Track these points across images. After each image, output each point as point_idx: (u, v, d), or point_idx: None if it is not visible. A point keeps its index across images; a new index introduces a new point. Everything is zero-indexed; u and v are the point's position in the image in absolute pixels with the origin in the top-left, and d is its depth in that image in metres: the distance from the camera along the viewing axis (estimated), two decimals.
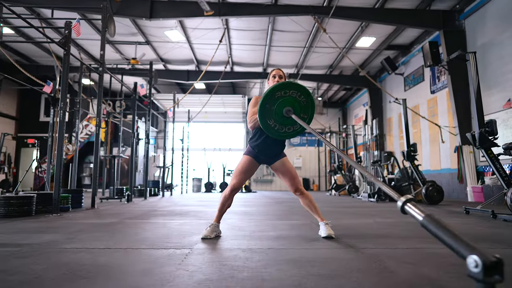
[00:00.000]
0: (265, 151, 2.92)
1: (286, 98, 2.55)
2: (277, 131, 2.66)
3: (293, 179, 2.96)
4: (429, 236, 2.90)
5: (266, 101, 2.54)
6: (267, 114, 2.57)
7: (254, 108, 2.89)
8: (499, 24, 8.30)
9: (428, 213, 1.18)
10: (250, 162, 2.93)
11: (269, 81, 3.05)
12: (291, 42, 12.01)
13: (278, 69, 3.04)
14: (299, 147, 20.47)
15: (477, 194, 8.46)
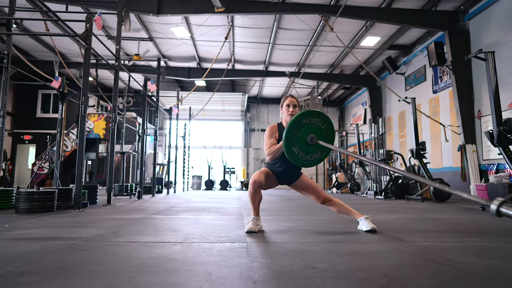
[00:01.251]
0: (283, 176, 2.96)
1: (310, 125, 2.60)
2: (300, 158, 2.69)
3: (317, 192, 3.00)
4: (464, 230, 2.97)
5: (292, 128, 2.56)
6: (292, 140, 2.59)
7: (271, 139, 2.90)
8: (504, 25, 8.46)
9: None
10: (268, 175, 2.93)
11: (283, 109, 2.99)
12: (295, 40, 12.04)
13: (291, 97, 2.99)
14: None
15: (480, 192, 8.60)
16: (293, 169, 2.95)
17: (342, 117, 20.55)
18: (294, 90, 17.04)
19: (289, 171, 2.94)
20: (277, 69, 14.98)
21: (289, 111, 2.92)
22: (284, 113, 2.97)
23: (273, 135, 2.93)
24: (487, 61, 5.09)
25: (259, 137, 20.31)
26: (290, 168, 2.91)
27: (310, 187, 3.02)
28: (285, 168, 2.92)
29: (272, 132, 2.93)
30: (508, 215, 1.27)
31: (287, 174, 2.96)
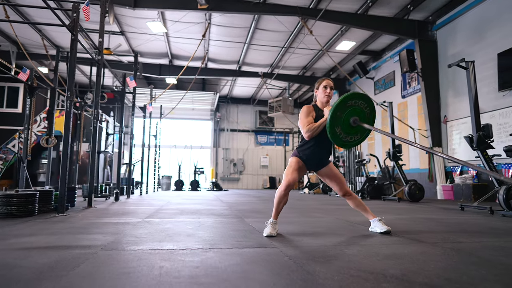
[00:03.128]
0: (312, 159, 2.95)
1: (355, 108, 2.65)
2: (341, 139, 2.73)
3: (341, 183, 3.03)
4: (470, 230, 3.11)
5: (338, 109, 2.60)
6: (336, 121, 2.63)
7: (308, 117, 2.88)
8: (468, 38, 9.05)
9: None
10: (300, 163, 2.95)
11: (318, 91, 3.00)
12: (271, 41, 12.08)
13: (328, 80, 3.01)
14: (266, 146, 20.65)
15: (446, 192, 9.17)
16: (324, 153, 2.97)
17: None
18: (266, 91, 17.11)
19: (320, 155, 2.95)
20: (251, 69, 14.94)
21: (326, 92, 2.94)
22: (321, 94, 2.97)
23: (310, 114, 2.91)
24: (467, 70, 5.40)
25: (228, 137, 20.15)
26: (322, 150, 2.94)
27: (337, 176, 3.03)
28: (317, 151, 2.92)
29: (309, 111, 2.92)
30: None
31: (317, 157, 2.95)
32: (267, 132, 20.70)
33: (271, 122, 20.40)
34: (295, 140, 20.62)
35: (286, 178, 2.92)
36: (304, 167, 2.98)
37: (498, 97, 7.97)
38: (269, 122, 20.41)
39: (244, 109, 20.36)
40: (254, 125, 20.53)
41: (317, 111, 2.96)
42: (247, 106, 20.34)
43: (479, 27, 8.67)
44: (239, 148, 20.26)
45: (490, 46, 8.26)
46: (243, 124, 20.31)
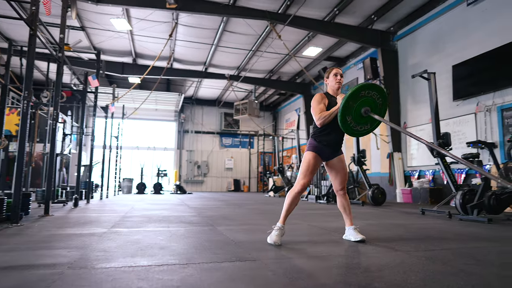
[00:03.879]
0: (332, 144, 2.97)
1: (367, 98, 2.69)
2: (351, 128, 2.77)
3: (344, 178, 3.05)
4: (436, 236, 3.23)
5: (350, 98, 2.63)
6: (348, 110, 2.66)
7: (321, 105, 2.93)
8: (426, 50, 9.57)
9: None
10: (316, 159, 2.96)
11: (329, 79, 3.08)
12: (239, 44, 12.03)
13: (337, 68, 3.10)
14: (231, 148, 20.54)
15: (405, 195, 9.61)
16: (340, 139, 3.00)
17: (275, 121, 21.14)
18: (232, 93, 17.02)
19: (336, 140, 2.98)
20: (217, 71, 14.80)
21: (337, 79, 3.02)
22: (332, 81, 3.05)
23: (322, 101, 2.96)
24: (429, 80, 5.68)
25: (192, 139, 19.81)
26: (338, 136, 2.96)
27: (343, 170, 3.05)
28: (333, 136, 2.95)
29: (321, 98, 2.97)
30: None
31: (334, 142, 2.97)
32: (232, 135, 20.61)
33: (237, 124, 20.34)
34: (260, 143, 20.70)
35: (302, 179, 2.91)
36: (319, 161, 2.99)
37: (452, 106, 8.47)
38: (234, 125, 20.33)
39: (209, 110, 20.13)
40: (219, 127, 20.36)
41: (329, 97, 3.02)
42: (213, 108, 20.13)
43: (436, 40, 9.19)
44: (204, 150, 19.99)
45: (446, 58, 8.77)
46: (208, 126, 20.07)
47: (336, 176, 3.05)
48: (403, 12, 9.79)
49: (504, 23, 7.38)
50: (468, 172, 7.91)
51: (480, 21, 7.93)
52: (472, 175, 7.77)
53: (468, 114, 8.10)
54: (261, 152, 20.58)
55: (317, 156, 2.95)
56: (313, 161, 2.93)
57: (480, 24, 7.93)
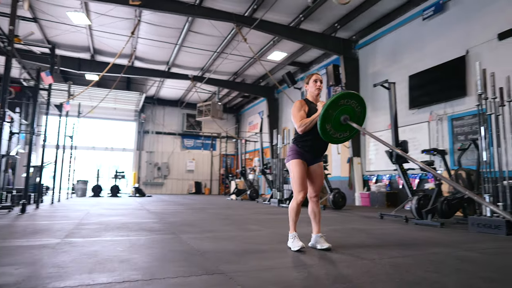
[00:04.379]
0: (314, 150, 3.02)
1: (347, 106, 2.75)
2: (330, 135, 2.83)
3: (320, 184, 3.11)
4: (396, 243, 3.34)
5: (330, 107, 2.68)
6: (327, 118, 2.71)
7: (301, 112, 2.98)
8: (385, 59, 10.01)
9: None
10: (304, 165, 3.00)
11: (309, 85, 3.14)
12: (204, 45, 11.86)
13: (317, 74, 3.17)
14: (193, 150, 20.20)
15: (364, 199, 9.96)
16: (321, 146, 3.05)
17: (239, 124, 21.10)
18: (195, 94, 16.75)
19: (318, 147, 3.03)
20: (181, 71, 14.50)
21: (317, 86, 3.10)
22: (312, 88, 3.12)
23: (302, 108, 3.02)
24: (390, 90, 5.91)
25: (153, 140, 19.23)
26: (320, 143, 2.99)
27: (320, 176, 3.10)
28: (315, 143, 2.99)
29: (301, 106, 3.02)
30: None
31: (315, 149, 3.03)
32: (194, 136, 20.28)
33: (199, 126, 20.04)
34: (223, 145, 20.56)
35: (300, 191, 2.94)
36: (306, 166, 3.02)
37: (408, 114, 8.91)
38: (196, 126, 20.02)
39: (171, 111, 19.67)
40: (181, 128, 19.95)
41: (309, 104, 3.08)
42: (175, 108, 19.69)
43: (395, 51, 9.64)
44: (164, 152, 19.48)
45: (403, 68, 9.22)
46: (169, 126, 19.59)
47: (313, 182, 3.08)
48: (364, 22, 10.17)
49: (454, 39, 7.88)
50: (422, 177, 8.35)
51: (434, 35, 8.42)
52: (425, 180, 8.22)
53: (422, 122, 8.56)
54: (223, 155, 20.44)
55: (303, 162, 3.00)
56: (303, 169, 2.99)
57: (434, 39, 8.42)
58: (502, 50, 6.89)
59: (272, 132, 15.33)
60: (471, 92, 7.44)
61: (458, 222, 5.18)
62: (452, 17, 8.03)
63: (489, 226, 4.10)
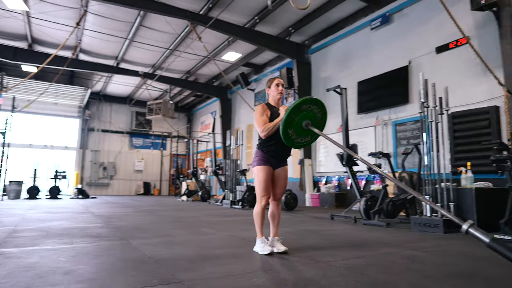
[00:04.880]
0: (278, 154, 3.04)
1: (308, 112, 2.79)
2: (293, 140, 2.85)
3: (284, 188, 3.13)
4: (349, 244, 3.46)
5: (292, 112, 2.70)
6: (290, 123, 2.73)
7: (263, 116, 2.99)
8: (336, 65, 10.41)
9: (494, 236, 1.55)
10: (270, 170, 3.00)
11: (271, 89, 3.15)
12: (156, 41, 11.45)
13: (279, 78, 3.19)
14: (142, 150, 19.44)
15: (314, 200, 10.26)
16: (286, 150, 3.07)
17: (191, 124, 20.70)
18: (146, 92, 16.13)
19: (282, 151, 3.05)
20: (130, 67, 13.87)
21: (279, 90, 3.12)
22: (274, 92, 3.12)
23: (265, 113, 3.03)
24: (342, 95, 6.14)
25: (98, 138, 18.18)
26: (284, 147, 3.00)
27: (285, 180, 3.12)
28: (279, 147, 2.99)
29: (263, 110, 3.03)
30: (474, 235, 1.57)
31: (280, 154, 3.04)
32: (143, 135, 19.52)
33: (149, 124, 19.34)
34: (173, 145, 20.04)
35: (262, 195, 2.96)
36: (272, 171, 3.02)
37: (357, 119, 9.34)
38: (146, 125, 19.29)
39: (119, 108, 18.76)
40: (129, 127, 19.10)
41: (271, 108, 3.09)
42: (123, 105, 18.80)
43: (345, 57, 10.05)
44: (111, 151, 18.51)
45: (352, 74, 9.65)
46: (116, 124, 18.66)
47: (276, 186, 3.09)
48: (317, 28, 10.48)
49: (398, 49, 8.42)
50: (368, 179, 8.80)
51: (381, 45, 8.92)
52: (371, 182, 8.66)
53: (369, 126, 9.03)
54: (174, 154, 19.93)
55: (269, 167, 3.00)
56: (268, 175, 2.99)
57: (381, 48, 8.92)
58: (440, 63, 7.48)
59: (225, 133, 15.24)
60: (413, 99, 7.98)
61: (401, 222, 5.52)
62: (397, 29, 8.56)
63: (429, 225, 4.42)
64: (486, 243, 1.55)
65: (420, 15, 8.02)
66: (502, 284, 2.11)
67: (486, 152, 6.25)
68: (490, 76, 6.44)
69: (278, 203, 3.14)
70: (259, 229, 3.03)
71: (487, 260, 2.77)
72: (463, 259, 2.81)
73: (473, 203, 4.43)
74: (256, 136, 3.32)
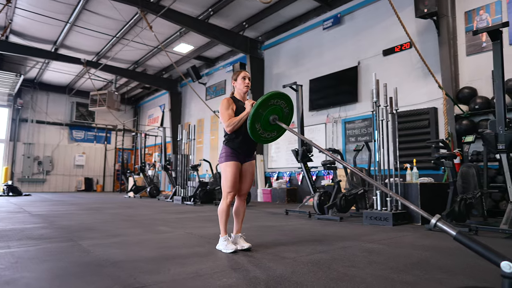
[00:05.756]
0: (245, 149, 2.99)
1: (276, 106, 2.77)
2: (259, 135, 2.82)
3: (250, 183, 3.09)
4: (308, 238, 3.52)
5: (260, 107, 2.67)
6: (257, 118, 2.70)
7: (229, 110, 2.90)
8: (287, 62, 10.57)
9: (459, 229, 1.64)
10: (238, 167, 2.94)
11: (237, 82, 3.07)
12: (102, 27, 10.72)
13: (245, 71, 3.12)
14: (84, 143, 18.20)
15: (266, 195, 10.37)
16: (252, 144, 3.04)
17: (138, 117, 19.80)
18: (89, 81, 15.06)
19: (249, 146, 3.00)
20: (71, 54, 12.84)
21: (245, 83, 3.05)
22: (240, 85, 3.05)
23: (230, 107, 2.95)
24: (297, 92, 6.23)
25: (33, 130, 16.65)
26: (250, 141, 2.96)
27: (252, 175, 3.09)
28: (246, 142, 2.95)
29: (229, 104, 2.95)
30: (443, 230, 1.65)
31: (247, 148, 2.99)
32: (85, 128, 18.28)
33: (91, 116, 18.16)
34: (119, 139, 19.04)
35: (228, 192, 2.89)
36: (239, 167, 2.97)
37: (309, 116, 9.57)
38: (88, 116, 18.09)
39: (57, 98, 17.35)
40: (69, 118, 17.77)
41: (237, 102, 3.02)
42: (62, 95, 17.41)
43: (297, 55, 10.24)
44: (48, 144, 17.07)
45: (305, 72, 9.87)
46: (54, 115, 17.24)
47: (244, 181, 3.05)
48: (270, 25, 10.55)
49: (349, 50, 8.77)
50: (318, 175, 9.09)
51: (332, 45, 9.23)
52: (321, 177, 8.96)
53: (320, 123, 9.31)
54: (119, 149, 18.93)
55: (236, 163, 2.93)
56: (236, 171, 2.92)
57: (332, 47, 9.22)
58: (386, 65, 7.93)
59: (174, 127, 14.83)
60: (361, 99, 8.38)
61: (352, 216, 5.77)
62: (347, 31, 8.90)
63: (380, 218, 4.67)
64: (453, 236, 1.63)
65: (369, 18, 8.41)
66: (455, 271, 2.27)
67: (426, 150, 6.78)
68: (430, 80, 6.98)
69: (244, 199, 3.09)
70: (223, 226, 2.95)
71: (434, 250, 2.98)
72: (415, 250, 2.99)
73: (418, 197, 4.76)
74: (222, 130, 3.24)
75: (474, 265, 2.44)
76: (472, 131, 5.99)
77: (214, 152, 13.42)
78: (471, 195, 4.31)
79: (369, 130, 8.12)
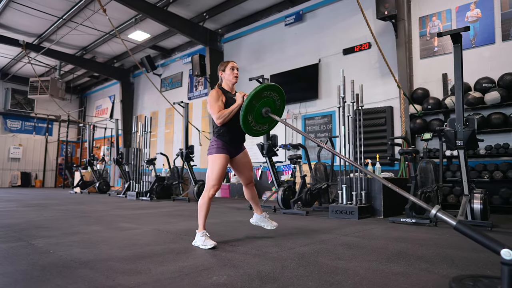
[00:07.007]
0: (235, 141, 2.93)
1: (269, 98, 2.71)
2: (251, 127, 2.75)
3: (251, 171, 3.06)
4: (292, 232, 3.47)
5: (253, 98, 2.59)
6: (250, 110, 2.62)
7: (218, 102, 2.78)
8: (248, 57, 10.49)
9: (459, 219, 1.67)
10: (226, 160, 2.88)
11: (225, 72, 2.97)
12: (45, 6, 9.76)
13: (233, 61, 3.04)
14: (21, 134, 16.60)
15: (224, 190, 10.22)
16: (243, 136, 2.97)
17: (84, 107, 18.48)
18: (28, 66, 13.72)
19: (240, 137, 2.95)
20: (7, 34, 11.60)
21: (234, 74, 2.96)
22: (229, 76, 2.95)
23: (220, 99, 2.85)
24: None
25: None
26: (241, 133, 2.91)
27: (248, 164, 3.06)
28: (236, 134, 2.90)
29: (218, 96, 2.85)
30: (443, 220, 1.67)
31: (237, 140, 2.95)
32: (23, 117, 16.68)
33: (30, 105, 16.61)
34: (62, 130, 17.63)
35: (215, 185, 2.79)
36: (228, 161, 2.91)
37: None
38: (27, 105, 16.53)
39: None
40: (2, 106, 16.08)
41: (226, 94, 2.92)
42: None
43: (259, 49, 10.20)
44: None
45: (266, 67, 9.86)
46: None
47: (243, 171, 3.05)
48: (232, 17, 10.37)
49: (310, 47, 8.91)
50: (278, 170, 9.13)
51: (294, 41, 9.31)
52: (281, 173, 9.02)
53: None
54: (62, 141, 17.54)
55: (226, 157, 2.85)
56: (223, 164, 2.83)
57: (294, 44, 9.30)
58: (346, 63, 8.16)
59: (127, 119, 14.13)
60: (321, 95, 8.55)
61: (315, 210, 5.85)
62: (309, 28, 9.03)
63: (345, 212, 4.77)
64: (453, 225, 1.66)
65: (330, 17, 8.60)
66: (435, 261, 2.35)
67: (382, 147, 7.10)
68: (387, 80, 7.31)
69: (252, 185, 3.17)
70: (202, 221, 2.81)
71: (407, 242, 3.08)
72: (390, 242, 3.07)
73: (381, 191, 4.95)
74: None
75: (449, 255, 2.55)
76: (425, 130, 6.39)
77: (169, 145, 12.96)
78: (430, 189, 4.56)
79: (328, 126, 8.33)
